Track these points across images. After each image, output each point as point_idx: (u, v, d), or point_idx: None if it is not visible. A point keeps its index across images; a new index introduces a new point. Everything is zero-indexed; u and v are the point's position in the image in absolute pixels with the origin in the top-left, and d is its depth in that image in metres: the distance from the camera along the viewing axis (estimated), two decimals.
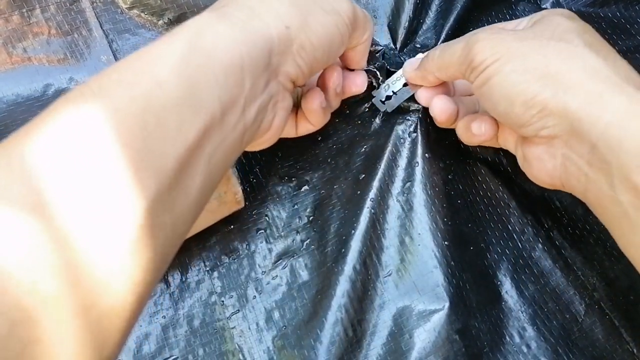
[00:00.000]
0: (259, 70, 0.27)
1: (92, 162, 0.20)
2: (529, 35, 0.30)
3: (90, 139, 0.21)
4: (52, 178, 0.19)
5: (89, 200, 0.20)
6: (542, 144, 0.30)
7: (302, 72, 0.30)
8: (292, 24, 0.28)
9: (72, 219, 0.19)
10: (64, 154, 0.20)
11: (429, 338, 0.35)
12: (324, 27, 0.30)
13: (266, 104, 0.29)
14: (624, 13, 0.45)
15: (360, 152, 0.40)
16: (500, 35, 0.30)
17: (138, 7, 0.40)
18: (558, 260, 0.38)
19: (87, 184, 0.20)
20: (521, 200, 0.39)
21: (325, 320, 0.35)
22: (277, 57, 0.28)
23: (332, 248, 0.38)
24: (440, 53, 0.34)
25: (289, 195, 0.40)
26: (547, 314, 0.37)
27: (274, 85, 0.29)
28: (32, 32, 0.39)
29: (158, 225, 0.22)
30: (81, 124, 0.21)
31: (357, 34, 0.33)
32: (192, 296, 0.37)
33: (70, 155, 0.20)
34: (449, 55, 0.33)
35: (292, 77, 0.30)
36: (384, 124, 0.41)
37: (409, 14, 0.41)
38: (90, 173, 0.20)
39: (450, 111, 0.36)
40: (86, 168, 0.20)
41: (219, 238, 0.38)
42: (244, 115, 0.27)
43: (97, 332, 0.20)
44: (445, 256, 0.37)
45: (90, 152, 0.20)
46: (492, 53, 0.30)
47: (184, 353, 0.35)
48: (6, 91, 0.37)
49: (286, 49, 0.29)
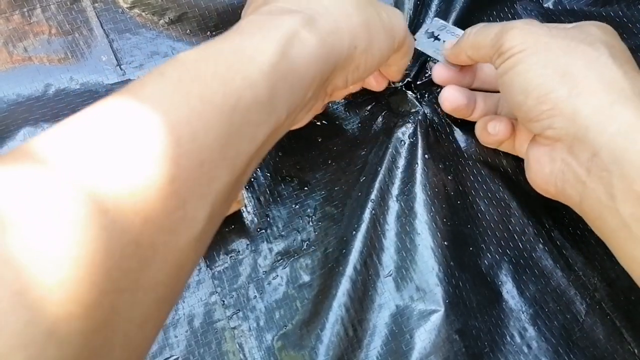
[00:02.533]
0: (322, 83, 0.28)
1: (170, 148, 0.20)
2: (560, 34, 0.30)
3: (178, 124, 0.21)
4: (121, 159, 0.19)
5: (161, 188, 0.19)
6: (545, 145, 0.30)
7: (346, 84, 0.31)
8: (360, 46, 0.29)
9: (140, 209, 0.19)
10: (144, 134, 0.20)
11: (429, 338, 0.35)
12: (381, 52, 0.31)
13: (311, 107, 0.30)
14: (626, 12, 0.45)
15: (361, 155, 0.40)
16: (534, 28, 0.31)
17: (139, 7, 0.40)
18: (559, 260, 0.38)
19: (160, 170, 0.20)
20: (521, 200, 0.39)
21: (325, 320, 0.35)
22: (336, 72, 0.29)
23: (332, 248, 0.38)
24: (477, 32, 0.34)
25: (289, 195, 0.40)
26: (548, 314, 0.37)
27: (322, 92, 0.30)
28: (32, 31, 0.39)
29: (218, 215, 0.23)
30: (173, 106, 0.21)
31: (398, 55, 0.34)
32: (192, 296, 0.37)
33: (150, 138, 0.20)
34: (484, 36, 0.33)
35: (337, 88, 0.31)
36: (385, 126, 0.41)
37: (409, 14, 0.41)
38: (166, 159, 0.20)
39: (457, 102, 0.37)
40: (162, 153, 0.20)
41: (219, 238, 0.38)
42: (295, 118, 0.28)
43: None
44: (445, 256, 0.37)
45: (172, 138, 0.20)
46: (521, 42, 0.30)
47: (185, 353, 0.35)
48: (7, 90, 0.37)
49: (345, 67, 0.30)
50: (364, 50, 0.29)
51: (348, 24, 0.29)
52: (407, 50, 0.34)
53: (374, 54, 0.30)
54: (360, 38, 0.29)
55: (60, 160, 0.18)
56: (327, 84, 0.30)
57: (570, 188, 0.29)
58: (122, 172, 0.19)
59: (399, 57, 0.34)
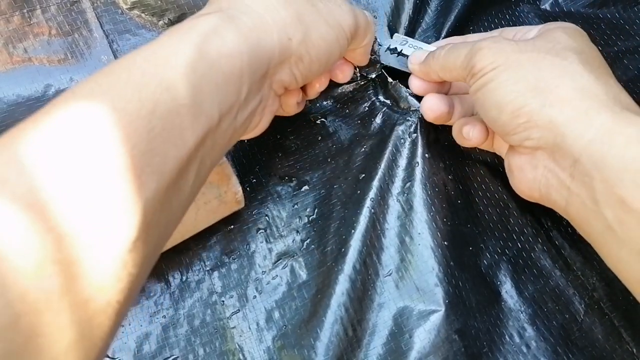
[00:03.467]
0: (256, 79, 0.28)
1: (94, 161, 0.20)
2: (528, 47, 0.31)
3: (95, 136, 0.21)
4: (50, 175, 0.19)
5: (89, 199, 0.20)
6: (525, 154, 0.31)
7: (295, 80, 0.31)
8: (295, 37, 0.29)
9: (70, 216, 0.19)
10: (66, 150, 0.20)
11: (428, 338, 0.35)
12: (325, 42, 0.30)
13: (256, 108, 0.29)
14: (623, 14, 0.45)
15: (360, 152, 0.40)
16: (501, 46, 0.31)
17: (138, 8, 0.40)
18: (557, 260, 0.38)
19: (87, 182, 0.20)
20: (521, 200, 0.39)
21: (325, 320, 0.35)
22: (274, 66, 0.29)
23: (332, 248, 0.38)
24: (446, 55, 0.34)
25: (289, 195, 0.40)
26: (547, 314, 0.37)
27: (266, 90, 0.30)
28: (32, 32, 0.39)
29: (154, 223, 0.22)
30: (87, 120, 0.21)
31: (356, 41, 0.34)
32: (192, 296, 0.37)
33: (72, 153, 0.20)
34: (454, 59, 0.33)
35: (285, 84, 0.31)
36: (384, 124, 0.41)
37: (409, 13, 0.41)
38: (91, 172, 0.20)
39: (440, 111, 0.37)
40: (87, 166, 0.20)
41: (219, 238, 0.38)
42: (236, 120, 0.27)
43: (89, 330, 0.20)
44: (444, 256, 0.37)
45: (94, 150, 0.20)
46: (491, 61, 0.30)
47: (184, 353, 0.35)
48: (7, 91, 0.37)
49: (285, 60, 0.29)
50: (302, 41, 0.29)
51: (274, 17, 0.28)
52: (364, 32, 0.34)
53: (317, 44, 0.30)
54: (292, 29, 0.29)
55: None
56: (269, 80, 0.29)
57: (555, 193, 0.30)
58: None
59: (358, 41, 0.34)
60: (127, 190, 0.21)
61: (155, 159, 0.22)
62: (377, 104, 0.42)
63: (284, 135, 0.41)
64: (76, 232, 0.19)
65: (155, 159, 0.22)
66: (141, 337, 0.35)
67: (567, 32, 0.31)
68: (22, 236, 0.18)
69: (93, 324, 0.20)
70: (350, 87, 0.43)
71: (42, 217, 0.18)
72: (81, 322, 0.19)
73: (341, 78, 0.37)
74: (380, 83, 0.42)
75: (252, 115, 0.29)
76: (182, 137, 0.23)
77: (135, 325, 0.35)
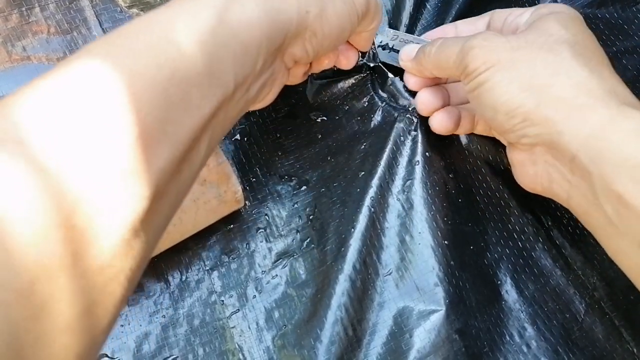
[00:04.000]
0: (272, 51, 0.27)
1: (106, 126, 0.20)
2: (521, 44, 0.30)
3: (109, 101, 0.20)
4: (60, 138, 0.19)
5: (99, 165, 0.19)
6: (524, 151, 0.31)
7: (307, 55, 0.31)
8: (313, 10, 0.29)
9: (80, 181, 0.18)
10: (77, 113, 0.19)
11: (428, 337, 0.35)
12: (338, 18, 0.30)
13: (267, 80, 0.29)
14: (621, 14, 0.45)
15: (360, 150, 0.40)
16: (494, 44, 0.31)
17: (137, 6, 0.40)
18: (558, 259, 0.38)
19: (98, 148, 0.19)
20: (521, 199, 0.39)
21: (325, 320, 0.35)
22: (289, 40, 0.29)
23: (332, 247, 0.38)
24: (437, 52, 0.34)
25: (288, 194, 0.40)
26: (547, 314, 0.37)
27: (278, 63, 0.30)
28: (31, 30, 0.39)
29: (166, 193, 0.22)
30: (101, 83, 0.20)
31: (365, 22, 0.33)
32: (192, 295, 0.36)
33: (83, 116, 0.19)
34: (445, 58, 0.33)
35: (296, 58, 0.31)
36: (384, 121, 0.41)
37: (410, 11, 0.41)
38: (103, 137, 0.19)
39: (433, 106, 0.37)
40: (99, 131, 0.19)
41: (218, 237, 0.38)
42: (249, 91, 0.27)
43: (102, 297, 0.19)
44: (445, 255, 0.37)
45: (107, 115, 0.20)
46: (484, 62, 0.30)
47: (184, 352, 0.35)
48: (6, 90, 0.37)
49: (300, 33, 0.29)
50: (318, 15, 0.29)
51: None
52: (374, 14, 0.33)
53: (331, 20, 0.30)
54: (311, 3, 0.28)
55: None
56: (281, 53, 0.29)
57: (557, 186, 0.30)
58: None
59: (366, 23, 0.34)
60: (139, 158, 0.20)
61: (169, 127, 0.21)
62: (376, 99, 0.42)
63: (284, 134, 0.41)
64: (86, 198, 0.18)
65: (170, 127, 0.21)
66: (141, 336, 0.35)
67: (560, 21, 0.31)
68: (29, 201, 0.17)
69: (106, 291, 0.19)
70: (349, 81, 0.43)
71: (51, 182, 0.18)
72: (95, 288, 0.19)
73: (345, 64, 0.37)
74: (379, 77, 0.42)
75: (263, 86, 0.29)
76: (198, 106, 0.23)
77: (135, 324, 0.35)
